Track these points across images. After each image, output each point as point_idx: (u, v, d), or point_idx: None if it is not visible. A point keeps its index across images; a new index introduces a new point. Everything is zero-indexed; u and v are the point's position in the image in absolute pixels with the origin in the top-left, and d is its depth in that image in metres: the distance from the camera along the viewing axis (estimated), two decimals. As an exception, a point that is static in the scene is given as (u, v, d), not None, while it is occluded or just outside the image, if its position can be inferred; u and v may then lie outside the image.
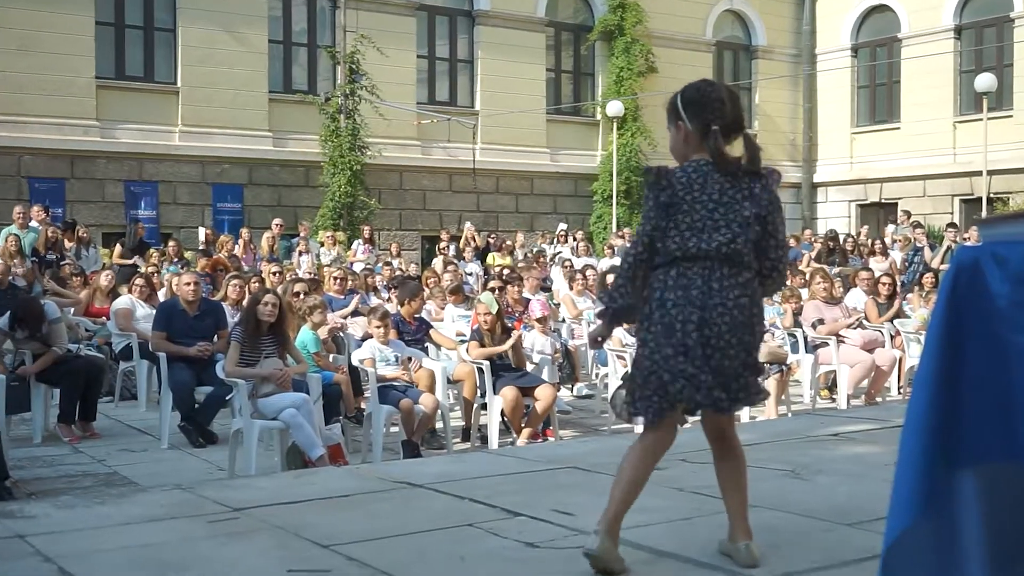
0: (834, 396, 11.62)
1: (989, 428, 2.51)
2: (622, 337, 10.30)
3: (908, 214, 23.26)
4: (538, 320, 10.73)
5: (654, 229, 3.84)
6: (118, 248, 17.40)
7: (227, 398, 8.56)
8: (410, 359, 9.12)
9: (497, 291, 11.46)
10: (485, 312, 9.58)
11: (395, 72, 22.71)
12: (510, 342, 9.45)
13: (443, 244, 20.54)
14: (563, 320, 13.30)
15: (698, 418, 4.03)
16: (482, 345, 9.39)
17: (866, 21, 27.94)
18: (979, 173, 23.24)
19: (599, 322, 4.11)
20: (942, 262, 17.64)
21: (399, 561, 4.16)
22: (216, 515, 5.03)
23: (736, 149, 3.95)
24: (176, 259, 16.56)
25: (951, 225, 20.66)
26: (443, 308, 12.55)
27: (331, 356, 9.39)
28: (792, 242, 19.87)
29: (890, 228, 22.90)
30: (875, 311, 12.42)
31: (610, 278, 11.81)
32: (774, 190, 4.01)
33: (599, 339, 4.13)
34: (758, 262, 3.90)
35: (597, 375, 11.93)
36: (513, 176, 24.90)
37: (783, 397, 10.37)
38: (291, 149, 22.22)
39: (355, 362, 9.16)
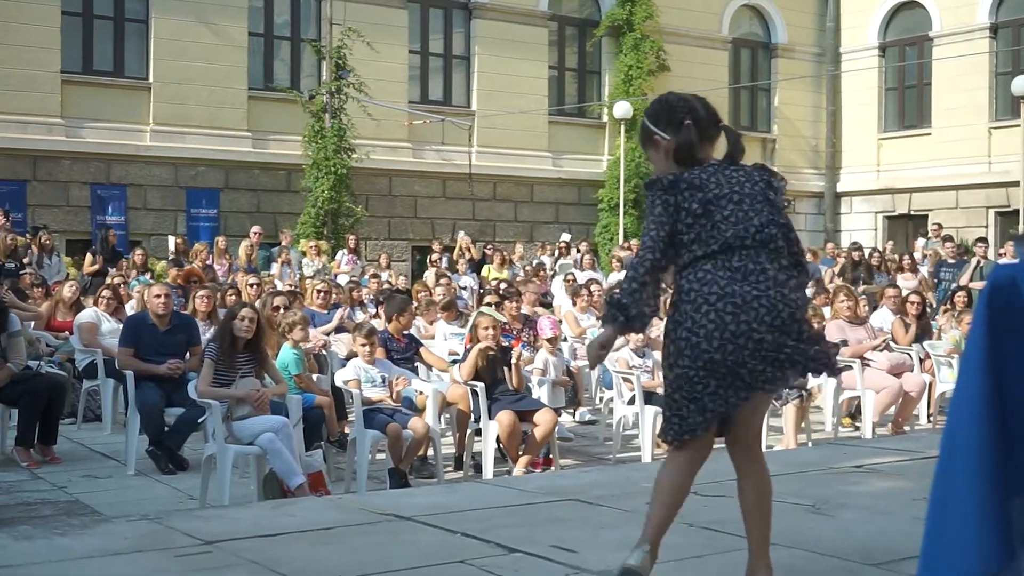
0: (858, 424, 11.60)
1: None
2: (628, 359, 10.31)
3: (939, 227, 23.29)
4: (549, 340, 10.72)
5: (668, 234, 3.92)
6: (89, 257, 17.36)
7: (199, 421, 8.55)
8: (397, 379, 9.09)
9: (494, 307, 11.45)
10: (487, 327, 9.49)
11: (385, 68, 22.74)
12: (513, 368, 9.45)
13: (435, 255, 20.52)
14: (565, 339, 13.28)
15: (721, 445, 4.04)
16: (477, 366, 9.33)
17: (895, 18, 28.01)
18: (1016, 183, 23.28)
19: (602, 329, 4.09)
20: (971, 279, 17.64)
21: (384, 601, 4.15)
22: (186, 548, 5.01)
23: (719, 150, 4.10)
24: (141, 269, 16.54)
25: (980, 240, 20.67)
26: (433, 324, 12.56)
27: (314, 376, 9.38)
28: (810, 256, 19.87)
29: (920, 242, 22.92)
30: (903, 332, 12.42)
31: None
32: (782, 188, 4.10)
33: (603, 348, 4.07)
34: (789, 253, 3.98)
35: (601, 399, 11.93)
36: (512, 182, 24.92)
37: (803, 425, 10.37)
38: (272, 151, 22.23)
39: (339, 383, 9.15)
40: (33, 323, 12.62)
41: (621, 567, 3.79)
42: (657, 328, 11.60)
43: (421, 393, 9.24)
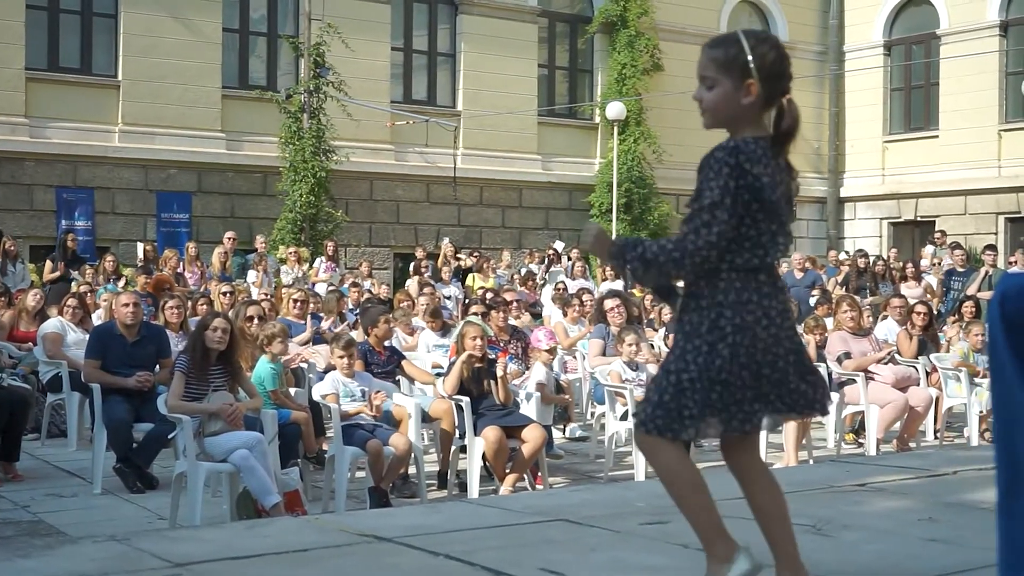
0: (862, 441, 11.63)
1: None
2: (621, 372, 10.32)
3: (943, 234, 23.36)
4: (548, 351, 10.74)
5: (729, 214, 3.55)
6: (48, 264, 17.34)
7: (169, 437, 8.54)
8: (376, 393, 9.08)
9: (480, 317, 11.45)
10: (474, 336, 9.51)
11: (366, 66, 22.79)
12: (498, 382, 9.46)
13: (421, 261, 20.50)
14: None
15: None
16: (462, 378, 9.34)
17: (901, 15, 28.14)
18: (1027, 188, 23.38)
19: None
20: (979, 289, 17.70)
21: (364, 626, 4.15)
22: (155, 571, 5.01)
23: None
24: (113, 277, 16.53)
25: (989, 247, 20.74)
26: (415, 335, 12.56)
27: (291, 390, 9.37)
28: (808, 264, 19.93)
29: (929, 249, 22.98)
30: (908, 344, 12.45)
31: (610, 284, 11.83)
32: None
33: (586, 243, 3.78)
34: None
35: (592, 414, 11.93)
36: (499, 186, 24.96)
37: (804, 442, 10.39)
38: (246, 152, 22.24)
39: (316, 397, 9.14)
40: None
41: None
42: (655, 336, 11.66)
43: (398, 405, 9.22)
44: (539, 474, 9.37)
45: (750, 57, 3.67)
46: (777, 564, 3.88)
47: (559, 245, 23.09)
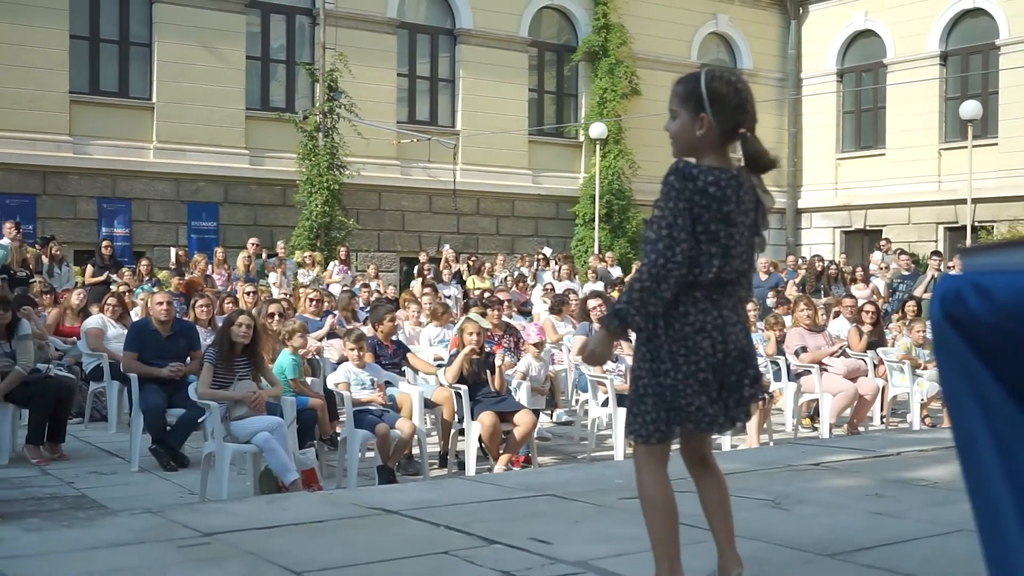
0: (816, 425, 11.66)
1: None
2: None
3: (888, 241, 23.41)
4: (535, 345, 10.73)
5: (686, 242, 3.51)
6: (90, 269, 17.34)
7: (199, 421, 8.53)
8: (387, 383, 9.10)
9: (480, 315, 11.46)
10: (472, 332, 9.54)
11: (375, 90, 22.78)
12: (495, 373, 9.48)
13: (425, 264, 20.48)
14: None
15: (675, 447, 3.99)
16: (462, 369, 9.36)
17: (852, 46, 28.16)
18: (964, 201, 23.41)
19: (597, 334, 3.74)
20: (925, 291, 17.74)
21: (373, 589, 4.16)
22: (186, 540, 5.01)
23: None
24: (148, 278, 16.51)
25: (935, 253, 20.79)
26: (421, 325, 12.58)
27: (308, 379, 9.37)
28: (771, 268, 19.99)
29: (877, 255, 23.01)
30: (858, 339, 12.47)
31: (592, 301, 11.84)
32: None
33: (596, 355, 3.76)
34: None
35: (577, 401, 11.94)
36: (494, 198, 24.94)
37: (765, 426, 10.40)
38: (268, 167, 22.21)
39: (330, 385, 9.14)
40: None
41: None
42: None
43: (403, 393, 9.24)
44: (529, 454, 9.37)
45: (704, 91, 3.66)
46: (721, 558, 3.90)
47: (547, 251, 23.10)
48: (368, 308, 13.33)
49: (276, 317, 10.32)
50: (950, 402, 2.57)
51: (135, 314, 12.68)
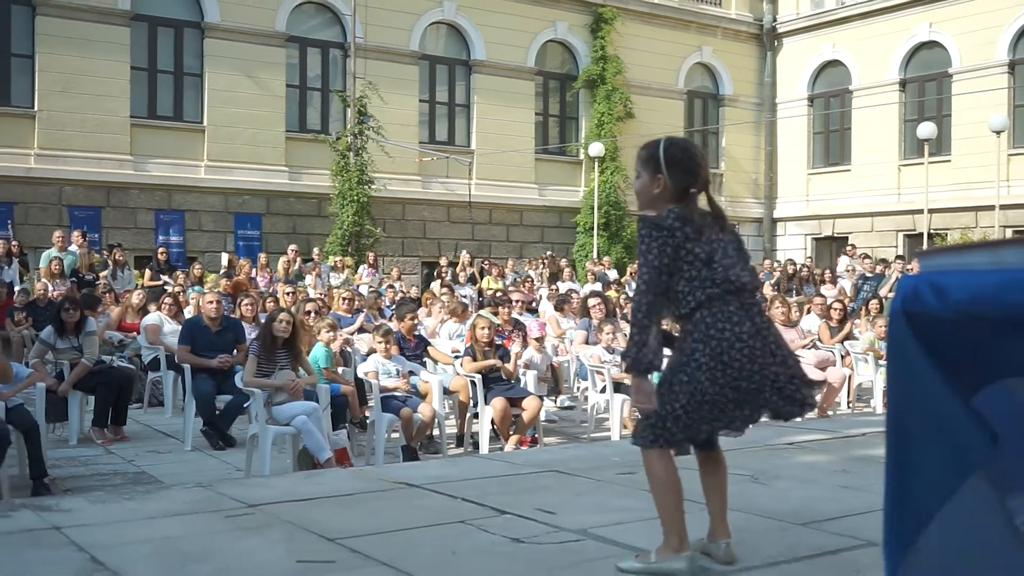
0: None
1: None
2: (601, 355, 10.31)
3: (853, 247, 23.37)
4: (536, 339, 10.74)
5: (666, 275, 3.64)
6: (148, 272, 17.38)
7: (245, 406, 8.55)
8: (411, 373, 9.11)
9: (494, 312, 11.46)
10: (484, 326, 9.58)
11: (399, 114, 22.78)
12: (510, 363, 9.48)
13: (443, 267, 20.52)
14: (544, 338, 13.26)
15: None
16: (475, 359, 9.41)
17: (821, 74, 28.09)
18: (921, 211, 23.33)
19: (631, 379, 3.80)
20: (890, 290, 17.69)
21: (397, 554, 4.16)
22: (233, 511, 5.01)
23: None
24: (198, 280, 16.54)
25: (899, 257, 20.74)
26: (443, 322, 12.59)
27: (340, 369, 9.38)
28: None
29: (843, 259, 22.98)
30: (827, 333, 12.44)
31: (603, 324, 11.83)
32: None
33: (640, 399, 3.71)
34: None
35: (578, 388, 11.92)
36: (504, 209, 24.92)
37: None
38: (305, 183, 22.21)
39: (360, 374, 9.15)
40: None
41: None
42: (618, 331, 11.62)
43: (425, 381, 9.25)
44: (536, 435, 9.36)
45: (661, 156, 3.77)
46: (711, 528, 3.99)
47: (547, 252, 23.08)
48: (393, 306, 13.33)
49: (312, 314, 10.34)
50: (890, 383, 2.60)
51: (188, 312, 12.71)
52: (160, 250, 18.46)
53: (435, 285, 18.34)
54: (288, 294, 13.89)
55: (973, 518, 2.47)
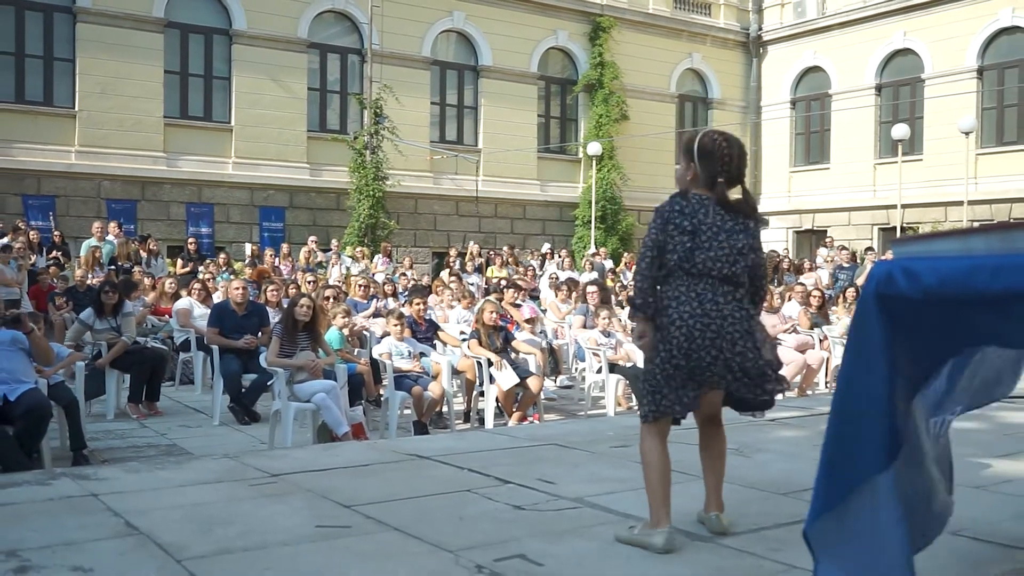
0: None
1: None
2: (597, 338, 10.31)
3: (832, 239, 23.35)
4: (527, 321, 10.74)
5: (656, 241, 3.73)
6: (180, 262, 17.41)
7: (268, 384, 8.56)
8: (421, 354, 9.10)
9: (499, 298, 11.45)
10: (491, 311, 9.57)
11: (412, 115, 22.73)
12: (512, 363, 9.50)
13: (452, 258, 20.52)
14: (542, 323, 13.25)
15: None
16: (480, 343, 9.39)
17: (803, 79, 28.00)
18: (894, 207, 23.29)
19: (635, 324, 3.88)
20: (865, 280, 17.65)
21: (408, 520, 4.16)
22: (257, 480, 5.02)
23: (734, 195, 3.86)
24: (225, 268, 16.54)
25: (869, 248, 20.68)
26: (452, 307, 12.58)
27: (356, 350, 9.38)
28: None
29: (822, 251, 22.94)
30: (806, 319, 12.41)
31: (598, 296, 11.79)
32: (759, 232, 3.88)
33: (640, 338, 3.83)
34: (751, 284, 3.82)
35: (576, 368, 11.92)
36: (509, 203, 24.89)
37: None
38: (325, 179, 22.19)
39: (375, 355, 9.16)
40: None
41: (657, 550, 3.67)
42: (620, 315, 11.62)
43: (435, 362, 9.24)
44: (537, 412, 9.36)
45: (695, 147, 3.81)
46: (707, 500, 4.01)
47: (545, 247, 23.02)
48: (406, 293, 13.34)
49: (331, 300, 10.33)
50: (845, 359, 2.63)
51: (217, 297, 12.72)
52: (191, 240, 18.47)
53: (444, 274, 18.32)
54: (309, 282, 13.89)
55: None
